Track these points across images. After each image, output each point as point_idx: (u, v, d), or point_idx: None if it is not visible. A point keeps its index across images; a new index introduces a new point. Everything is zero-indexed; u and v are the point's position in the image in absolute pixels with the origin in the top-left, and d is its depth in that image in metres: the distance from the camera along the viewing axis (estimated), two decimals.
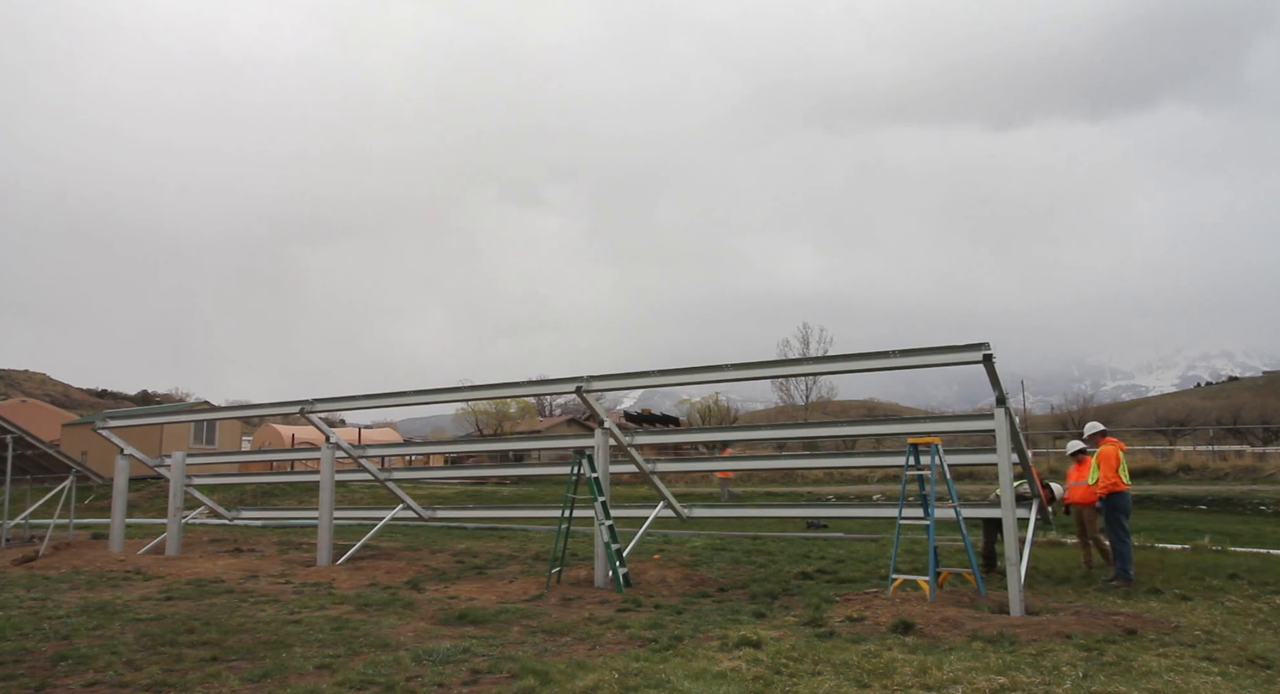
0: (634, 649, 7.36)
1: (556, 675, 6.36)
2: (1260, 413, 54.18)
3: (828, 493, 28.37)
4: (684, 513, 14.22)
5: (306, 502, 28.94)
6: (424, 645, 7.52)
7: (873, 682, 6.15)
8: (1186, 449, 38.43)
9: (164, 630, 8.30)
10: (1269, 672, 6.47)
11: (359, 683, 6.34)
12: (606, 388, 12.33)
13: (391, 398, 14.93)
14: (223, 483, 24.33)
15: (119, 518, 17.03)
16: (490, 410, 56.28)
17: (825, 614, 8.85)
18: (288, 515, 23.59)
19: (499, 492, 34.00)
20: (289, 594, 10.97)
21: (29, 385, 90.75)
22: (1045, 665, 6.54)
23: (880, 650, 7.02)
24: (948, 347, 9.69)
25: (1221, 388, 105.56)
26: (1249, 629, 8.09)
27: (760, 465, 24.22)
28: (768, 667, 6.54)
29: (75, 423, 44.16)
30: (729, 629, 8.06)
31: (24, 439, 18.41)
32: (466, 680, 6.44)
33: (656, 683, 6.11)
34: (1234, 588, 10.42)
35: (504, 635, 8.09)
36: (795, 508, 19.52)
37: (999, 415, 9.61)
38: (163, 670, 6.77)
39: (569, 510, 11.99)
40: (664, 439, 30.30)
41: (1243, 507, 22.98)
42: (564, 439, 30.97)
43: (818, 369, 22.14)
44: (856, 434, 18.69)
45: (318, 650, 7.41)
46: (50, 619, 9.04)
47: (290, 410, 15.88)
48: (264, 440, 45.54)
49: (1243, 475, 29.40)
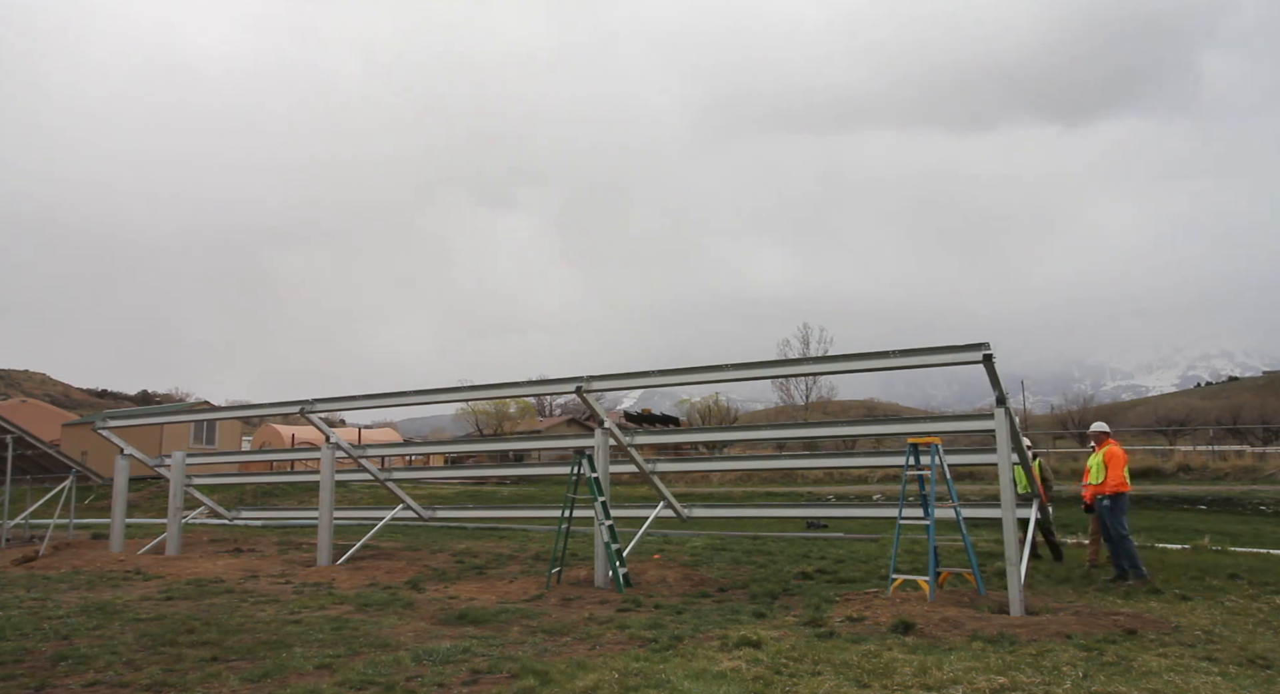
0: (634, 649, 7.36)
1: (556, 675, 6.36)
2: (1260, 413, 54.16)
3: (828, 493, 28.38)
4: (684, 513, 14.22)
5: (306, 502, 28.96)
6: (424, 645, 7.51)
7: (873, 682, 6.15)
8: (1186, 449, 38.44)
9: (164, 630, 8.30)
10: (1269, 672, 6.47)
11: (359, 683, 6.34)
12: (606, 388, 12.33)
13: (391, 398, 14.93)
14: (223, 483, 24.34)
15: (119, 518, 17.03)
16: (490, 410, 56.29)
17: (825, 614, 8.85)
18: (288, 515, 23.60)
19: (499, 492, 34.01)
20: (289, 594, 10.97)
21: (29, 385, 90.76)
22: (1045, 665, 6.54)
23: (880, 650, 7.02)
24: (948, 347, 9.69)
25: (1221, 388, 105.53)
26: (1249, 629, 8.08)
27: (760, 465, 24.21)
28: (768, 667, 6.53)
29: (75, 423, 44.18)
30: (729, 629, 8.06)
31: (24, 439, 18.41)
32: (466, 680, 6.44)
33: (656, 683, 6.11)
34: (1234, 588, 10.42)
35: (504, 635, 8.09)
36: (795, 508, 19.54)
37: (999, 415, 9.62)
38: (163, 670, 6.77)
39: (569, 510, 11.99)
40: (664, 439, 30.31)
41: (1243, 507, 22.99)
42: (564, 439, 31.00)
43: (818, 369, 22.15)
44: (856, 434, 18.69)
45: (318, 650, 7.41)
46: (50, 619, 9.04)
47: (290, 410, 15.89)
48: (264, 440, 45.54)
49: (1243, 475, 29.42)
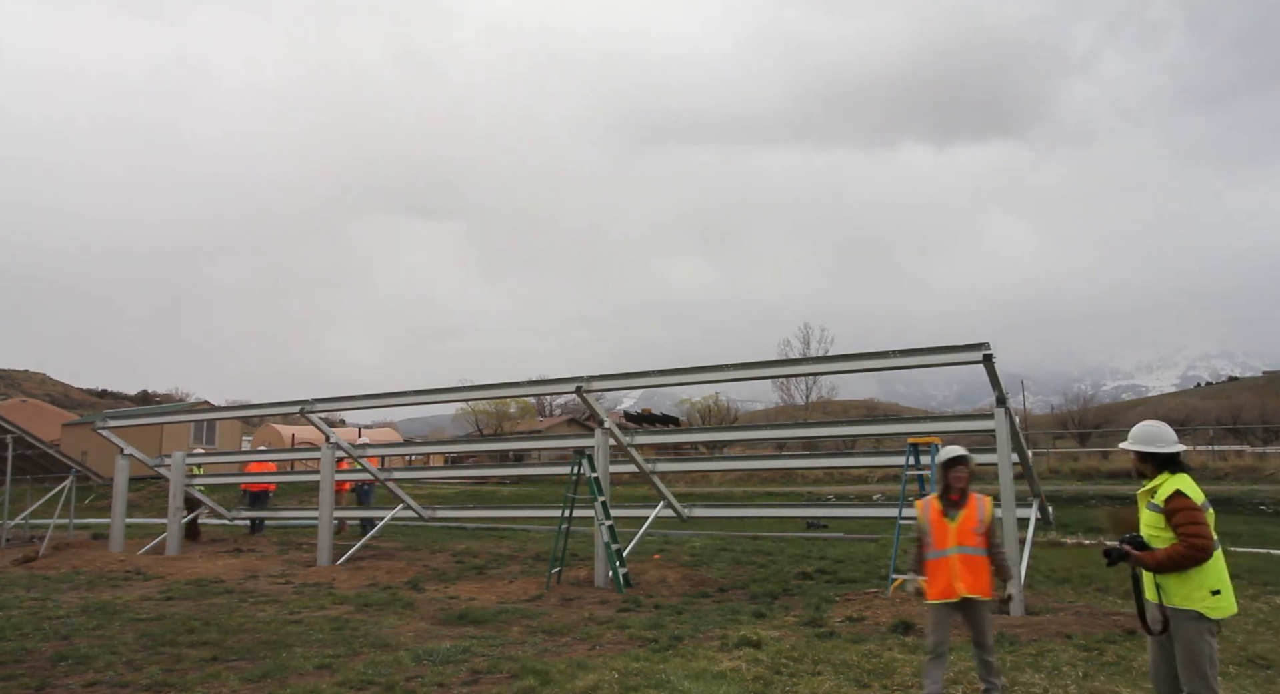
0: (634, 649, 7.36)
1: (556, 675, 6.36)
2: (1260, 413, 54.11)
3: (828, 493, 28.37)
4: (684, 513, 14.21)
5: (306, 502, 28.92)
6: (424, 645, 7.52)
7: (873, 682, 6.15)
8: (1186, 449, 38.41)
9: (164, 630, 8.30)
10: (1269, 672, 6.47)
11: (359, 683, 6.34)
12: (606, 388, 12.33)
13: (391, 398, 14.93)
14: (223, 483, 24.32)
15: (119, 518, 17.02)
16: (490, 410, 56.28)
17: (825, 614, 8.85)
18: (288, 515, 23.56)
19: (499, 492, 33.99)
20: (289, 594, 10.96)
21: (29, 385, 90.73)
22: (1045, 665, 6.55)
23: (880, 650, 7.02)
24: (948, 347, 9.70)
25: (1221, 388, 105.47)
26: (1249, 629, 8.08)
27: (760, 465, 24.17)
28: (768, 667, 6.54)
29: (75, 423, 44.16)
30: (729, 629, 8.06)
31: (24, 439, 18.39)
32: (466, 680, 6.44)
33: (656, 683, 6.11)
34: (1234, 588, 10.40)
35: (504, 635, 8.09)
36: (795, 508, 19.52)
37: (999, 415, 9.62)
38: (163, 670, 6.77)
39: (569, 510, 11.99)
40: (664, 439, 30.29)
41: (1243, 507, 22.97)
42: (564, 439, 30.96)
43: (818, 369, 22.16)
44: (856, 434, 18.66)
45: (318, 650, 7.41)
46: (50, 619, 9.04)
47: (290, 410, 15.89)
48: (264, 440, 45.55)
49: (1243, 475, 29.40)
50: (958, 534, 5.59)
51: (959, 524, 5.61)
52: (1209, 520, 4.48)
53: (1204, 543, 4.39)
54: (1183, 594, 4.51)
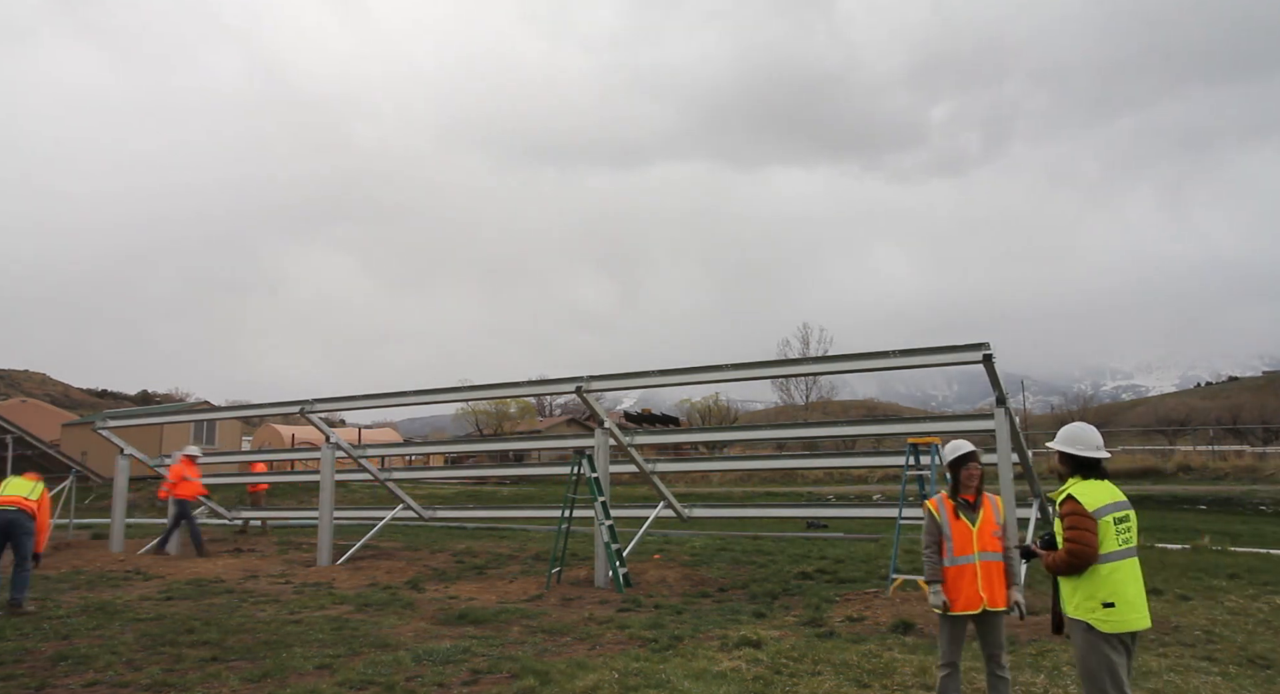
0: (634, 649, 7.36)
1: (556, 675, 6.36)
2: (1260, 413, 54.11)
3: (828, 493, 28.38)
4: (684, 513, 14.22)
5: (306, 502, 28.92)
6: (424, 645, 7.52)
7: (873, 682, 6.15)
8: (1186, 449, 38.45)
9: (164, 630, 8.30)
10: (1269, 672, 6.47)
11: (359, 683, 6.34)
12: (606, 388, 12.33)
13: (391, 398, 14.93)
14: (222, 483, 24.32)
15: (119, 518, 17.01)
16: (490, 410, 56.29)
17: (825, 614, 8.85)
18: (288, 515, 23.56)
19: (499, 492, 34.01)
20: (289, 594, 10.96)
21: (29, 385, 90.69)
22: (1045, 665, 6.55)
23: (880, 650, 7.02)
24: (948, 347, 9.71)
25: (1221, 388, 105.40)
26: (1249, 629, 8.09)
27: (760, 465, 24.20)
28: (768, 667, 6.54)
29: (75, 423, 44.15)
30: (729, 629, 8.06)
31: (24, 439, 18.43)
32: (466, 680, 6.44)
33: (656, 683, 6.11)
34: (1234, 588, 10.42)
35: (504, 635, 8.09)
36: (795, 508, 19.51)
37: (999, 415, 9.63)
38: (163, 670, 6.77)
39: (569, 510, 11.99)
40: (664, 439, 30.29)
41: (1243, 506, 22.99)
42: (564, 439, 30.95)
43: (818, 369, 22.16)
44: (856, 434, 18.68)
45: (318, 650, 7.41)
46: (50, 619, 9.03)
47: (290, 410, 15.89)
48: (264, 440, 45.56)
49: (1243, 475, 29.43)
50: (980, 539, 5.15)
51: (979, 528, 5.18)
52: (1101, 529, 4.37)
53: (1079, 549, 4.33)
54: (1074, 603, 4.44)
